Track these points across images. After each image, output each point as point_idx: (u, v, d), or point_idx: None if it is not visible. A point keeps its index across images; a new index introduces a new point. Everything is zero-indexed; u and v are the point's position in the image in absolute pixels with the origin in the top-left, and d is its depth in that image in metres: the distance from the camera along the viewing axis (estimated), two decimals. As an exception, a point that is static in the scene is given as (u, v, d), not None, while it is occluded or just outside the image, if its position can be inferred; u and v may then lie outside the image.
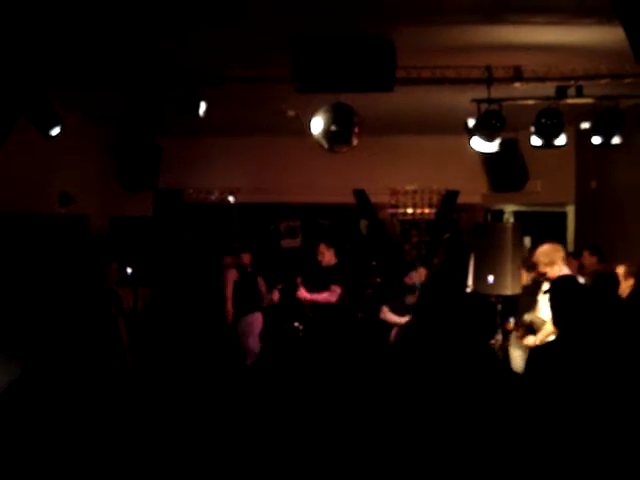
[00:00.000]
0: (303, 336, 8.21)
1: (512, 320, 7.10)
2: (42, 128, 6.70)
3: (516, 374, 4.19)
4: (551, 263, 5.85)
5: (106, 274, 7.04)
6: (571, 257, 7.53)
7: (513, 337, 6.84)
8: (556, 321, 4.34)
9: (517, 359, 6.45)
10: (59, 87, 6.82)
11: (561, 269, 5.78)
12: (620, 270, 6.33)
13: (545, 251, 5.92)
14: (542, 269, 5.87)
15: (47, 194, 8.86)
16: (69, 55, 6.45)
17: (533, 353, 4.29)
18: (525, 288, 7.33)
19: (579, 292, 4.36)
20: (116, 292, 7.04)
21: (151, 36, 5.98)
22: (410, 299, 8.28)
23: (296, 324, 8.27)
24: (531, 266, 7.20)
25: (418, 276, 8.29)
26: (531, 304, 6.46)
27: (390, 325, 8.30)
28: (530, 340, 6.07)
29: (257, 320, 8.61)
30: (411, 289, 8.27)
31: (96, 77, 6.64)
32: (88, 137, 9.76)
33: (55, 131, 6.74)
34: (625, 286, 6.02)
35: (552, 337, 5.04)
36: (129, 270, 7.73)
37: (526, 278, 7.55)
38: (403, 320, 8.18)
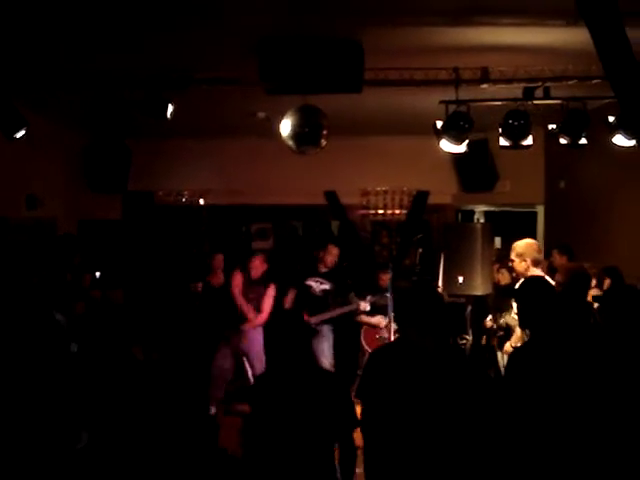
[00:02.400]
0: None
1: (489, 319, 7.14)
2: (6, 131, 6.61)
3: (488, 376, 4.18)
4: (520, 256, 5.90)
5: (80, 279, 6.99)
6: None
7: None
8: (524, 323, 4.35)
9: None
10: (25, 89, 6.73)
11: (528, 267, 5.83)
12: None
13: (521, 243, 5.99)
14: (512, 257, 5.93)
15: (13, 197, 8.74)
16: (34, 58, 6.37)
17: (510, 358, 4.30)
18: (503, 288, 7.37)
19: (549, 292, 4.38)
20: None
21: (117, 38, 5.92)
22: (379, 301, 8.29)
23: None
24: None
25: (384, 281, 8.29)
26: (508, 304, 6.50)
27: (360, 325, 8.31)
28: (507, 347, 6.09)
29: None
30: (382, 290, 8.26)
31: (62, 80, 6.57)
32: (56, 139, 9.64)
33: (19, 134, 6.65)
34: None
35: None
36: (97, 274, 7.66)
37: (507, 278, 7.59)
38: (372, 320, 8.18)
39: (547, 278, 5.90)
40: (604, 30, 3.82)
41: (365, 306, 8.15)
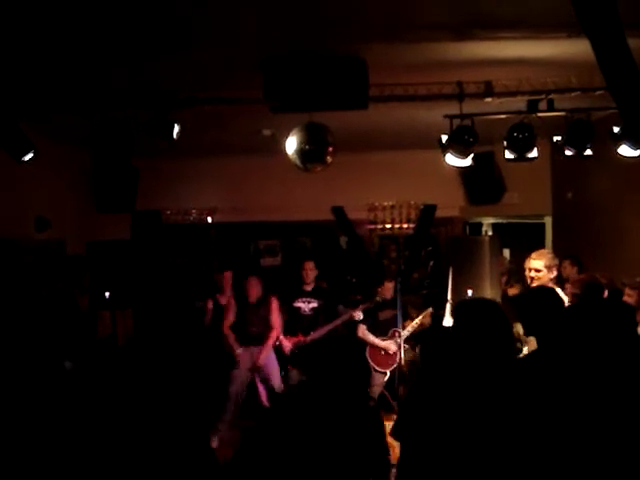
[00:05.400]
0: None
1: None
2: (14, 154, 6.67)
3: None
4: (549, 267, 5.94)
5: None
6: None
7: None
8: (529, 331, 4.37)
9: None
10: (31, 112, 6.79)
11: (555, 277, 5.90)
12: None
13: (548, 255, 6.03)
14: (539, 268, 5.95)
15: (22, 219, 8.79)
16: (40, 80, 6.42)
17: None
18: (511, 299, 7.35)
19: (558, 302, 4.40)
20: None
21: (123, 60, 5.97)
22: (384, 315, 8.26)
23: None
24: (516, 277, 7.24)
25: (388, 291, 8.26)
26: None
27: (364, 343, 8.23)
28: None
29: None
30: (385, 305, 8.24)
31: (67, 101, 6.63)
32: (63, 161, 9.71)
33: (27, 157, 6.71)
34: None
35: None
36: (107, 294, 7.67)
37: (517, 291, 7.57)
38: (382, 343, 8.12)
39: (559, 289, 5.93)
40: (605, 41, 3.83)
41: (358, 315, 8.12)
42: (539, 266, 6.04)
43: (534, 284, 6.15)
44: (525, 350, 6.04)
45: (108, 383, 3.38)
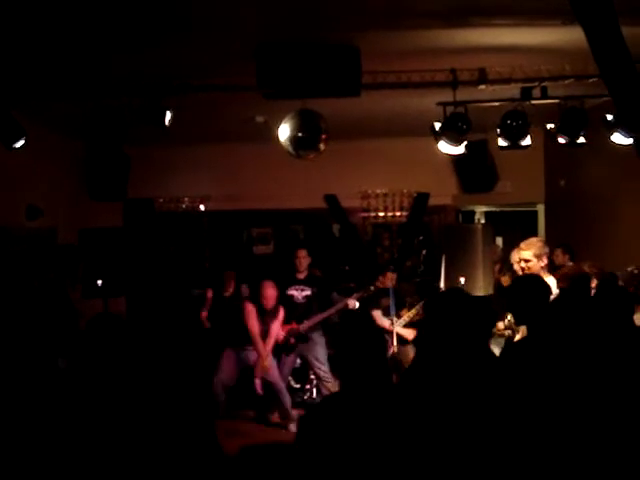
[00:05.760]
0: None
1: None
2: (5, 141, 6.62)
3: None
4: (538, 256, 5.96)
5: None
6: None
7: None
8: (519, 320, 4.40)
9: None
10: (23, 99, 6.75)
11: (546, 266, 5.91)
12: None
13: (537, 244, 6.05)
14: (528, 257, 5.97)
15: (14, 208, 8.73)
16: (32, 67, 6.38)
17: (504, 352, 4.30)
18: (504, 289, 7.35)
19: (543, 289, 4.41)
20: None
21: (115, 47, 5.94)
22: (384, 302, 8.23)
23: None
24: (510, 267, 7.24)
25: (389, 281, 8.21)
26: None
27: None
28: None
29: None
30: (385, 292, 8.21)
31: (60, 88, 6.59)
32: (55, 148, 9.64)
33: (18, 144, 6.66)
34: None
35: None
36: (99, 282, 7.66)
37: (509, 279, 7.57)
38: (401, 330, 8.08)
39: (551, 277, 5.94)
40: (599, 29, 3.82)
41: (353, 303, 8.10)
42: (528, 256, 6.04)
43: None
44: (518, 337, 6.07)
45: (102, 370, 3.36)
